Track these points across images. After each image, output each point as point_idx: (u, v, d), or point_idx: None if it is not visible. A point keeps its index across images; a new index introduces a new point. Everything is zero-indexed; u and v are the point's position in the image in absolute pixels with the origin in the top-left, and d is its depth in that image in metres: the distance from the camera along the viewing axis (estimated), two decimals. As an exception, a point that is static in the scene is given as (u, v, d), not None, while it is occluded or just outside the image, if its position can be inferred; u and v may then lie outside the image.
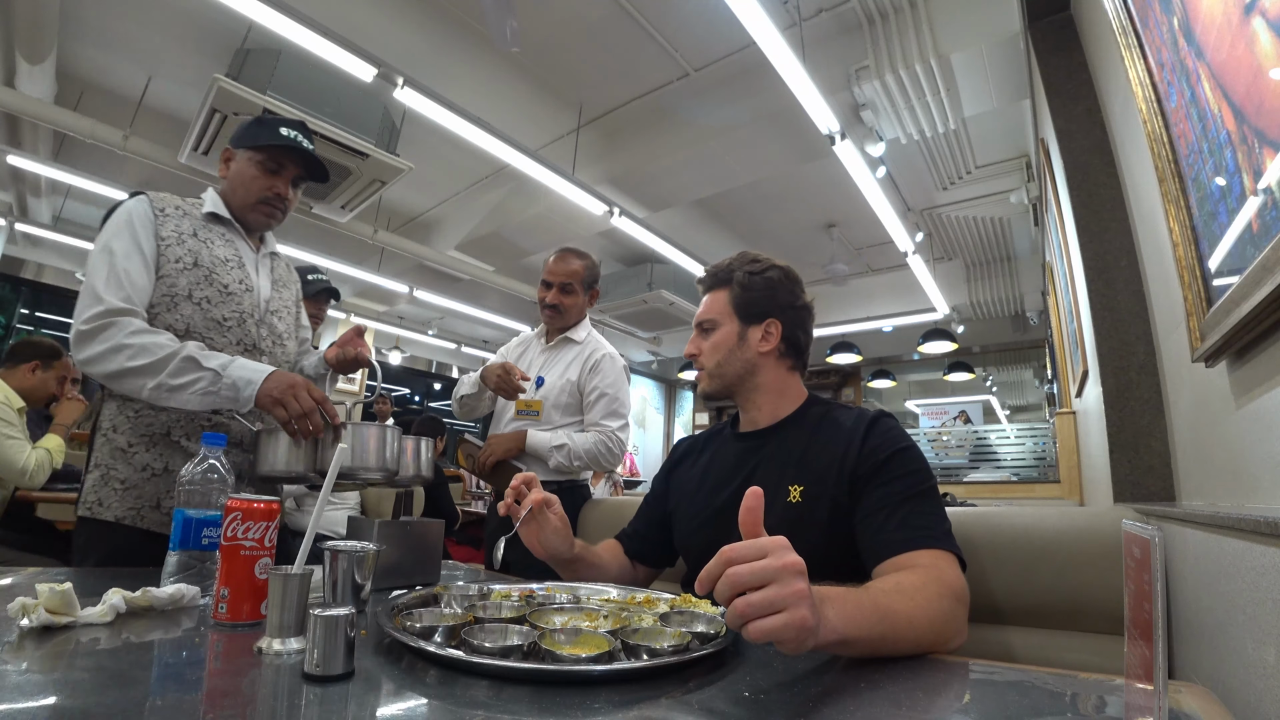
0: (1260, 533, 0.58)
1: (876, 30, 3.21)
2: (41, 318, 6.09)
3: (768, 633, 0.55)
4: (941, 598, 0.76)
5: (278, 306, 1.38)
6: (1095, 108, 1.79)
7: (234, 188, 1.33)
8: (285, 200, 1.35)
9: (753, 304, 1.09)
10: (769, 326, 1.08)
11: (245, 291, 1.30)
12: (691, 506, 1.12)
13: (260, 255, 1.39)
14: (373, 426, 1.12)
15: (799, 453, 1.01)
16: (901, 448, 0.94)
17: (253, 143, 1.30)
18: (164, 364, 1.10)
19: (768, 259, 1.12)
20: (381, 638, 0.68)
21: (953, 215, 5.26)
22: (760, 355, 1.08)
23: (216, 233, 1.31)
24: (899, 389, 8.92)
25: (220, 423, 1.24)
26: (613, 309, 6.09)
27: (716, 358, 1.09)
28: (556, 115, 4.12)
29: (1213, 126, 0.81)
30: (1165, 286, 1.24)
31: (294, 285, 1.50)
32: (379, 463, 1.10)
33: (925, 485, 0.91)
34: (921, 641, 0.71)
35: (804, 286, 1.14)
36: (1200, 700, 0.58)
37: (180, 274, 1.22)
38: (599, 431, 1.88)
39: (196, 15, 3.22)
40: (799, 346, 1.11)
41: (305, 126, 1.36)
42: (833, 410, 1.06)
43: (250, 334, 1.30)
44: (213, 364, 1.12)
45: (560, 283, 1.96)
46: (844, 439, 0.97)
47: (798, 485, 0.98)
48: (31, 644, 0.61)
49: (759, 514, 0.61)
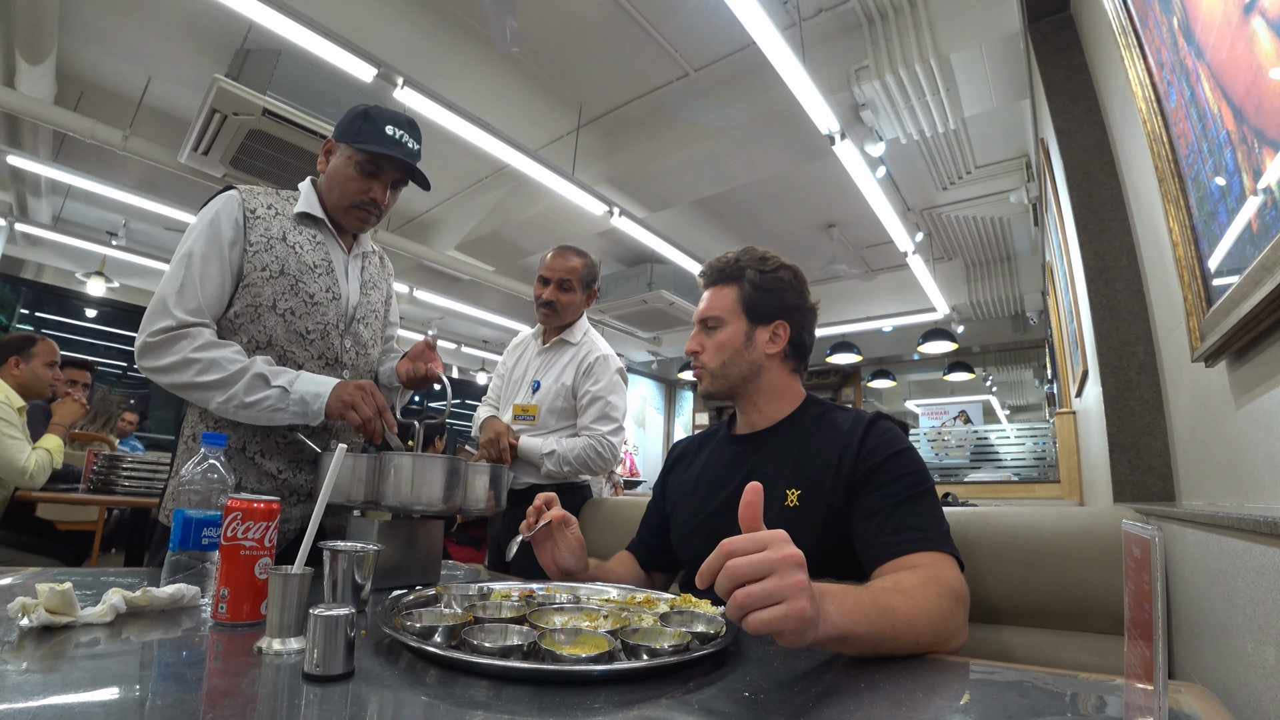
0: (1260, 533, 0.58)
1: (876, 30, 3.21)
2: (41, 318, 6.09)
3: (767, 624, 0.55)
4: (940, 597, 0.76)
5: (364, 313, 1.33)
6: (1095, 108, 1.80)
7: (330, 186, 1.26)
8: (381, 205, 1.27)
9: (762, 304, 1.06)
10: (778, 328, 1.06)
11: (332, 300, 1.25)
12: (687, 510, 1.11)
13: (351, 256, 1.32)
14: (437, 460, 1.04)
15: (795, 456, 1.00)
16: (898, 450, 0.93)
17: (354, 140, 1.21)
18: (234, 380, 1.08)
19: (776, 257, 1.10)
20: (381, 638, 0.68)
21: (953, 215, 5.26)
22: (767, 357, 1.06)
23: (307, 235, 1.25)
24: (899, 389, 8.92)
25: (296, 440, 1.20)
26: (613, 309, 6.09)
27: (722, 358, 1.06)
28: (556, 115, 4.13)
29: (1213, 126, 0.81)
30: (1165, 286, 1.24)
31: (385, 283, 1.44)
32: (445, 498, 1.03)
33: (922, 487, 0.90)
34: (921, 640, 0.71)
35: (808, 286, 1.12)
36: (1200, 700, 0.58)
37: (266, 283, 1.17)
38: (590, 436, 1.87)
39: (196, 15, 3.22)
40: (804, 349, 1.09)
41: (414, 125, 1.26)
42: (829, 412, 1.05)
43: (333, 347, 1.25)
44: (280, 381, 1.10)
45: (558, 279, 1.91)
46: (841, 442, 0.96)
47: (795, 489, 0.97)
48: (31, 644, 0.61)
49: (759, 508, 0.61)
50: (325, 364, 1.24)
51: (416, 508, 1.03)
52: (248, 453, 1.18)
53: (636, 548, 1.22)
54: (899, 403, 9.39)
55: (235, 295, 1.17)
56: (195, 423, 1.21)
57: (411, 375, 1.31)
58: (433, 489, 1.02)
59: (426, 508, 1.03)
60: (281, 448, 1.20)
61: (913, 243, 4.81)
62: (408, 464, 1.01)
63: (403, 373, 1.33)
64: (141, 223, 5.53)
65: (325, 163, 1.27)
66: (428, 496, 1.02)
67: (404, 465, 1.01)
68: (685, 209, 5.11)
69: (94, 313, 6.27)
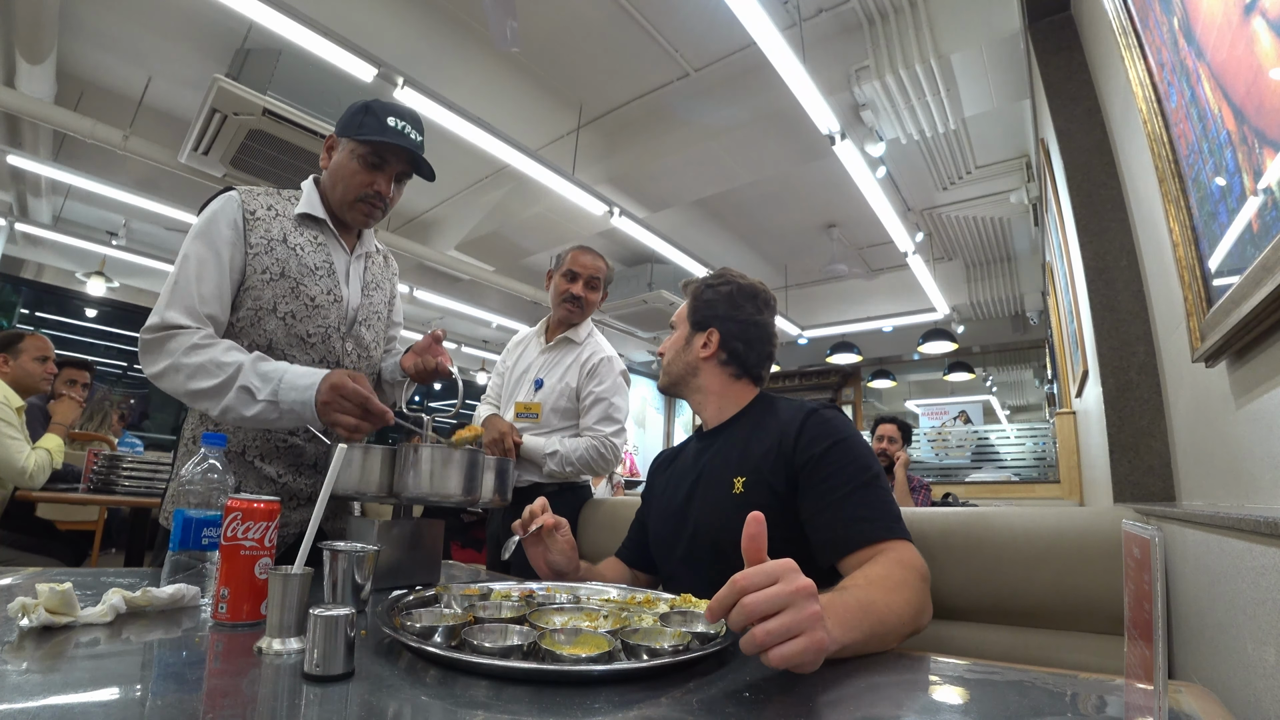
0: (1260, 533, 0.58)
1: (876, 30, 3.21)
2: (41, 318, 6.09)
3: (788, 659, 0.55)
4: (908, 582, 0.79)
5: (366, 315, 1.31)
6: (1095, 108, 1.79)
7: (333, 181, 1.24)
8: (386, 198, 1.25)
9: (700, 313, 1.20)
10: (710, 335, 1.18)
11: (333, 303, 1.23)
12: (660, 508, 1.19)
13: (354, 257, 1.30)
14: (456, 452, 1.06)
15: (741, 446, 1.07)
16: (839, 439, 0.97)
17: (356, 133, 1.20)
18: (224, 389, 1.04)
19: (734, 277, 1.21)
20: (381, 638, 0.68)
21: (953, 215, 5.26)
22: (701, 360, 1.18)
23: (308, 236, 1.23)
24: (899, 389, 8.92)
25: (295, 444, 1.20)
26: (613, 309, 6.09)
27: (669, 356, 1.23)
28: (556, 115, 4.12)
29: (1213, 126, 0.81)
30: (1165, 286, 1.24)
31: (389, 283, 1.42)
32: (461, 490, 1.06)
33: (868, 475, 0.93)
34: (905, 626, 0.74)
35: (768, 308, 1.21)
36: (1200, 700, 0.58)
37: (266, 285, 1.16)
38: (593, 436, 1.88)
39: (196, 15, 3.22)
40: (740, 356, 1.17)
41: (416, 117, 1.25)
42: (775, 404, 1.13)
43: (334, 350, 1.24)
44: (265, 395, 1.04)
45: (588, 276, 1.96)
46: (779, 429, 1.03)
47: (740, 477, 1.02)
48: (31, 644, 0.61)
49: (762, 540, 0.61)
50: (326, 367, 1.22)
51: (432, 499, 1.05)
52: (247, 456, 1.17)
53: (624, 550, 1.28)
54: (899, 403, 9.39)
55: (237, 298, 1.16)
56: (196, 425, 1.21)
57: (420, 369, 1.30)
58: (451, 482, 1.05)
59: (443, 499, 1.05)
60: (281, 451, 1.20)
61: (913, 243, 4.81)
62: (428, 456, 1.04)
63: (409, 366, 1.31)
64: (141, 223, 5.53)
65: (328, 159, 1.26)
66: (446, 488, 1.05)
67: (425, 458, 1.04)
68: (685, 209, 5.11)
69: (94, 313, 6.27)
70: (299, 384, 1.04)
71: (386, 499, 1.06)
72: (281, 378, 1.05)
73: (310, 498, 1.22)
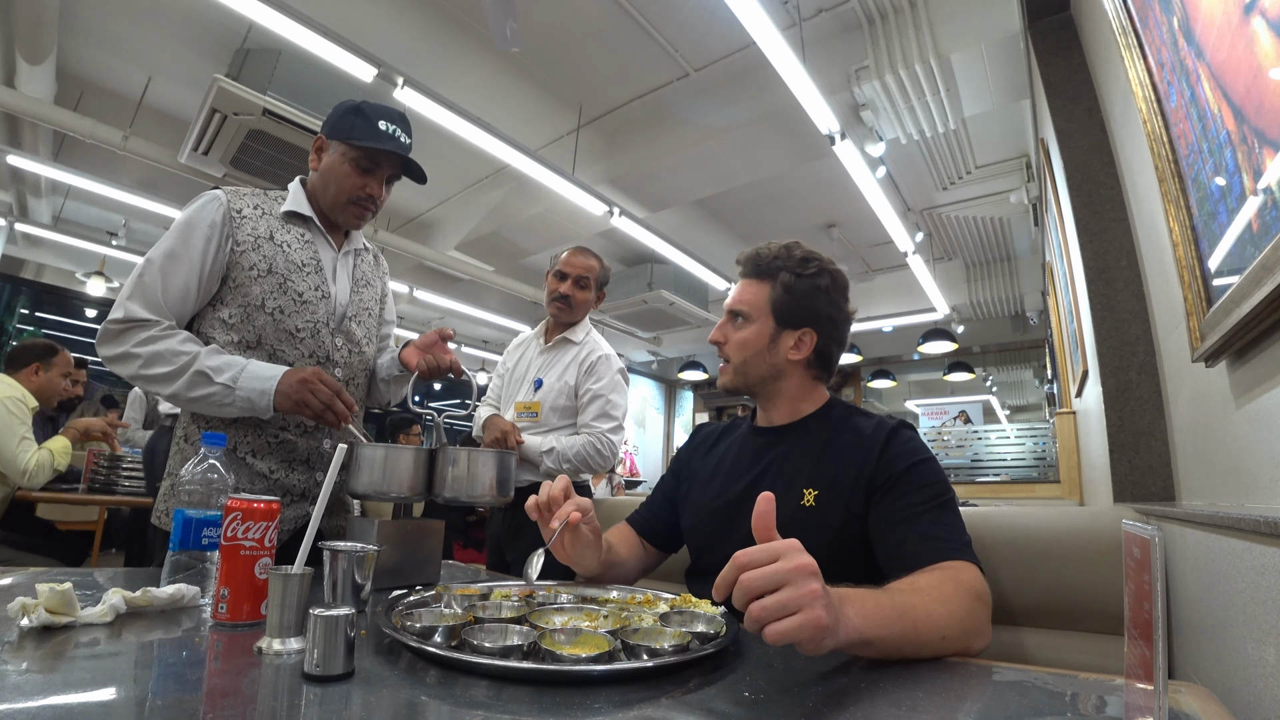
0: (1260, 533, 0.58)
1: (876, 30, 3.21)
2: (41, 318, 6.09)
3: (784, 635, 0.55)
4: (959, 595, 0.75)
5: (356, 310, 1.31)
6: (1095, 108, 1.80)
7: (325, 183, 1.25)
8: (378, 201, 1.27)
9: (793, 308, 1.03)
10: (804, 335, 1.04)
11: (321, 299, 1.24)
12: (703, 495, 1.09)
13: (341, 255, 1.31)
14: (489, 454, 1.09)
15: (815, 455, 0.99)
16: (920, 459, 0.92)
17: (347, 136, 1.21)
18: (177, 375, 1.08)
19: (819, 259, 1.06)
20: (381, 638, 0.68)
21: (953, 215, 5.26)
22: (789, 362, 1.04)
23: (295, 234, 1.24)
24: (899, 389, 8.92)
25: (287, 440, 1.20)
26: (613, 309, 6.09)
27: (744, 355, 1.05)
28: (556, 115, 4.13)
29: (1213, 126, 0.81)
30: (1165, 286, 1.24)
31: (379, 280, 1.42)
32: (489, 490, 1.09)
33: (944, 498, 0.89)
34: (947, 636, 0.70)
35: (848, 294, 1.08)
36: (1200, 700, 0.58)
37: (254, 282, 1.17)
38: (589, 434, 1.88)
39: (196, 15, 3.22)
40: (829, 360, 1.07)
41: (405, 119, 1.26)
42: (853, 416, 1.03)
43: (324, 345, 1.24)
44: (223, 378, 1.08)
45: (577, 275, 1.96)
46: (863, 447, 0.95)
47: (812, 489, 0.95)
48: (31, 644, 0.61)
49: (771, 519, 0.61)
50: (316, 363, 1.24)
51: (463, 499, 1.09)
52: (239, 453, 1.18)
53: (638, 518, 1.19)
54: (899, 403, 9.39)
55: (223, 296, 1.17)
56: (187, 424, 1.21)
57: (431, 366, 1.30)
58: (484, 482, 1.09)
59: (475, 500, 1.10)
60: (273, 447, 1.20)
61: (913, 243, 4.81)
62: (464, 457, 1.09)
63: (414, 362, 1.30)
64: (141, 223, 5.53)
65: (318, 160, 1.27)
66: (480, 489, 1.09)
67: (461, 458, 1.09)
68: (685, 209, 5.11)
69: (94, 313, 6.27)
70: (262, 374, 1.10)
71: (420, 499, 1.11)
72: (244, 368, 1.10)
73: (303, 494, 1.22)
